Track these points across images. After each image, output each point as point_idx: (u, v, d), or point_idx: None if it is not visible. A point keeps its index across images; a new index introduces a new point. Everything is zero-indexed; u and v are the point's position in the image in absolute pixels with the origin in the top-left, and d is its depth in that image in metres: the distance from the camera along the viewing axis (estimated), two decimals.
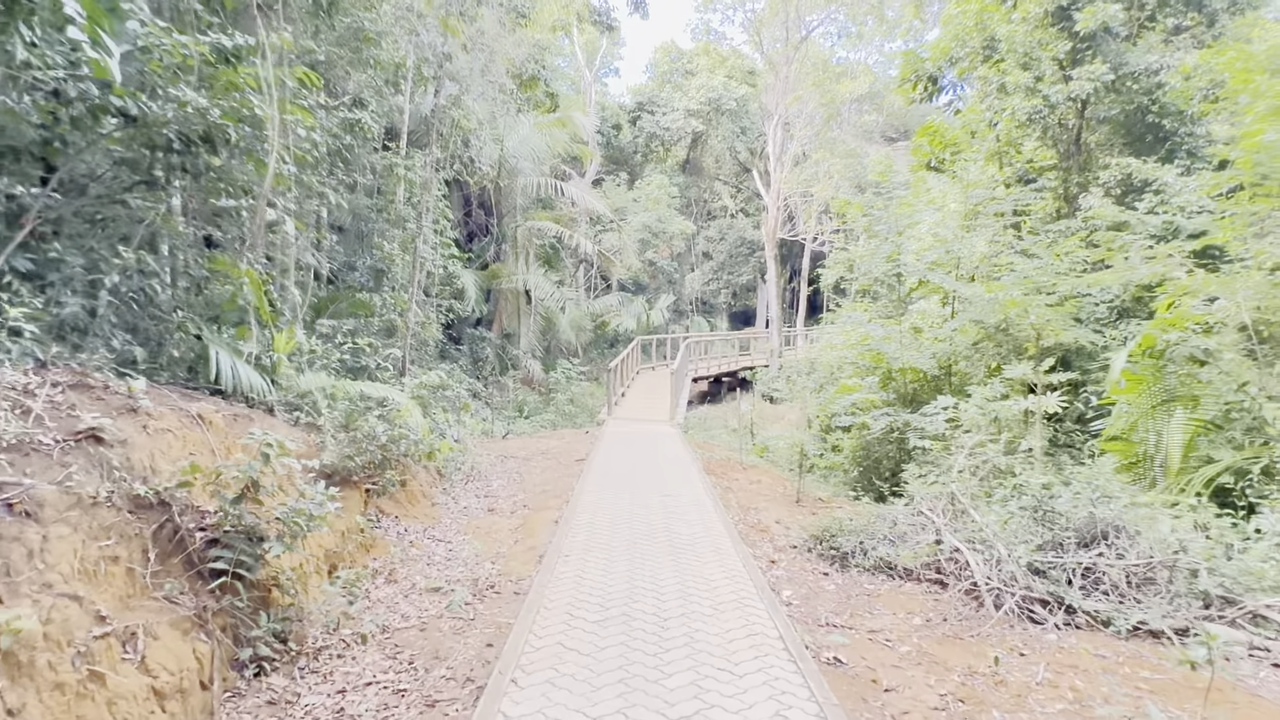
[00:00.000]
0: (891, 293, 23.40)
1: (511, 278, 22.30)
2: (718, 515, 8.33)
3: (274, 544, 3.79)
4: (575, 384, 23.21)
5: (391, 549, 6.49)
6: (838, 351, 16.99)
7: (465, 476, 10.55)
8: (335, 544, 5.42)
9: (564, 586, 5.65)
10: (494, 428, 16.68)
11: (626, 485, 10.00)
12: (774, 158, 28.66)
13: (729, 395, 31.79)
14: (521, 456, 12.91)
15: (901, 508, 6.94)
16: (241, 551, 3.82)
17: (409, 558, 6.37)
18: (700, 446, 15.54)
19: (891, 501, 11.90)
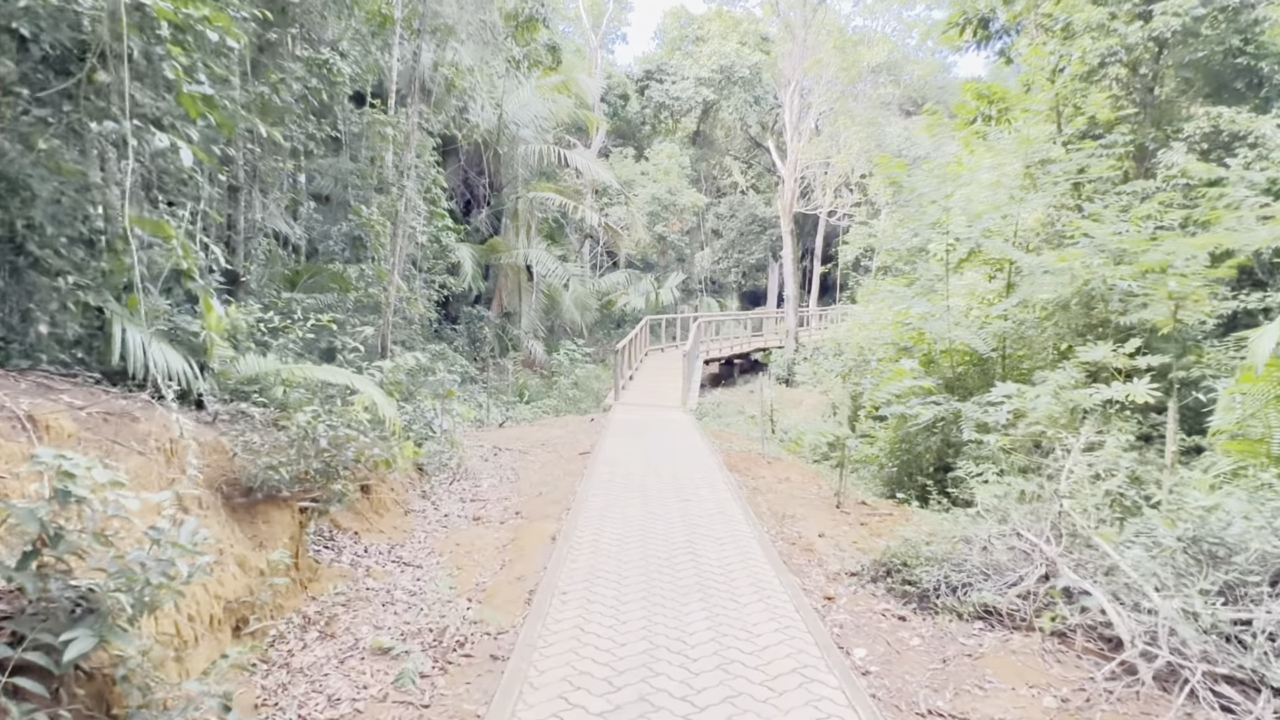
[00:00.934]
0: (932, 266, 21.84)
1: (512, 252, 20.78)
2: (750, 528, 6.86)
3: (82, 632, 2.34)
4: (580, 366, 21.75)
5: (340, 581, 5.04)
6: (868, 331, 15.48)
7: (452, 474, 9.11)
8: (246, 589, 3.97)
9: (559, 647, 4.20)
10: (490, 415, 15.24)
11: (637, 486, 8.54)
12: (790, 127, 26.97)
13: (742, 378, 30.31)
14: (519, 448, 11.47)
15: (991, 527, 5.45)
16: (35, 641, 2.37)
17: (361, 594, 4.92)
18: (716, 436, 14.09)
19: (938, 502, 10.50)
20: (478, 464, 10.00)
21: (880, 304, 16.42)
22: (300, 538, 4.75)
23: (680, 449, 11.36)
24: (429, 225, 16.04)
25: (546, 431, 13.38)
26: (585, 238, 26.29)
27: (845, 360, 15.12)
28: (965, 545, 5.28)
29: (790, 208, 26.95)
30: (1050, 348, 9.98)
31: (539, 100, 21.48)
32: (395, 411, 6.71)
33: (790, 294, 27.55)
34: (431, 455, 8.82)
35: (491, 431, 13.34)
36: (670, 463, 10.12)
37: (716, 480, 9.09)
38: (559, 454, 11.04)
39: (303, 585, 4.68)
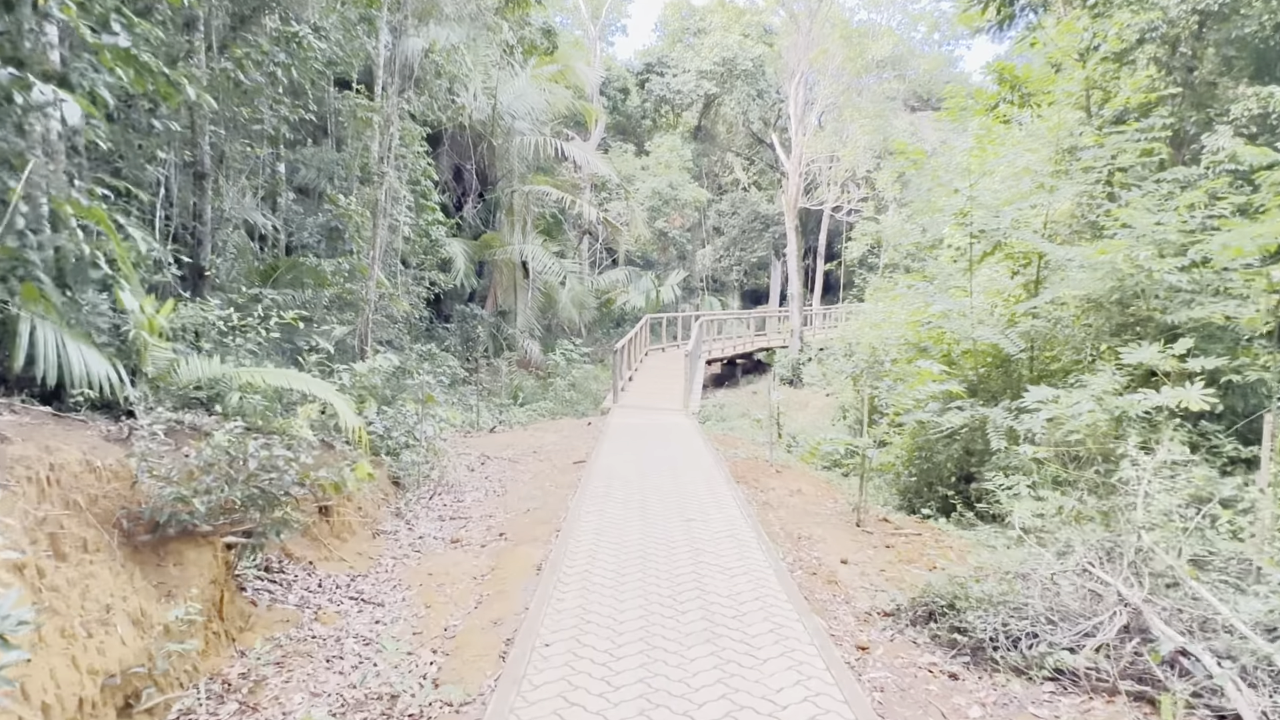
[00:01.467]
0: (943, 263, 21.00)
1: (506, 248, 19.96)
2: (763, 554, 6.03)
3: None
4: (577, 367, 20.94)
5: (280, 628, 4.23)
6: (880, 330, 14.67)
7: (432, 488, 8.29)
8: (143, 653, 3.15)
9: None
10: (481, 419, 14.43)
11: (636, 501, 7.71)
12: (795, 120, 26.14)
13: (744, 378, 29.50)
14: (509, 456, 10.66)
15: (1049, 559, 4.63)
16: None
17: (303, 646, 4.10)
18: (721, 441, 13.28)
19: (961, 516, 9.67)
20: (463, 475, 9.18)
21: (894, 301, 15.63)
22: (227, 581, 3.94)
23: (683, 457, 10.55)
24: (417, 218, 15.26)
25: (540, 437, 12.57)
26: (583, 234, 25.46)
27: (856, 361, 14.29)
28: (1022, 582, 4.46)
29: (795, 203, 26.13)
30: (1086, 348, 9.15)
31: (535, 91, 20.66)
32: (358, 420, 5.90)
33: (795, 292, 26.73)
34: (409, 467, 8.00)
35: (481, 438, 12.53)
36: (672, 473, 9.30)
37: (723, 494, 8.28)
38: (552, 463, 10.23)
39: (230, 638, 3.86)
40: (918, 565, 6.17)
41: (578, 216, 25.62)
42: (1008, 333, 9.60)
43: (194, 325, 7.30)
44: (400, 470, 7.88)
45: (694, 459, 10.47)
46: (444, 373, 13.67)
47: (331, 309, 10.13)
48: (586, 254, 26.93)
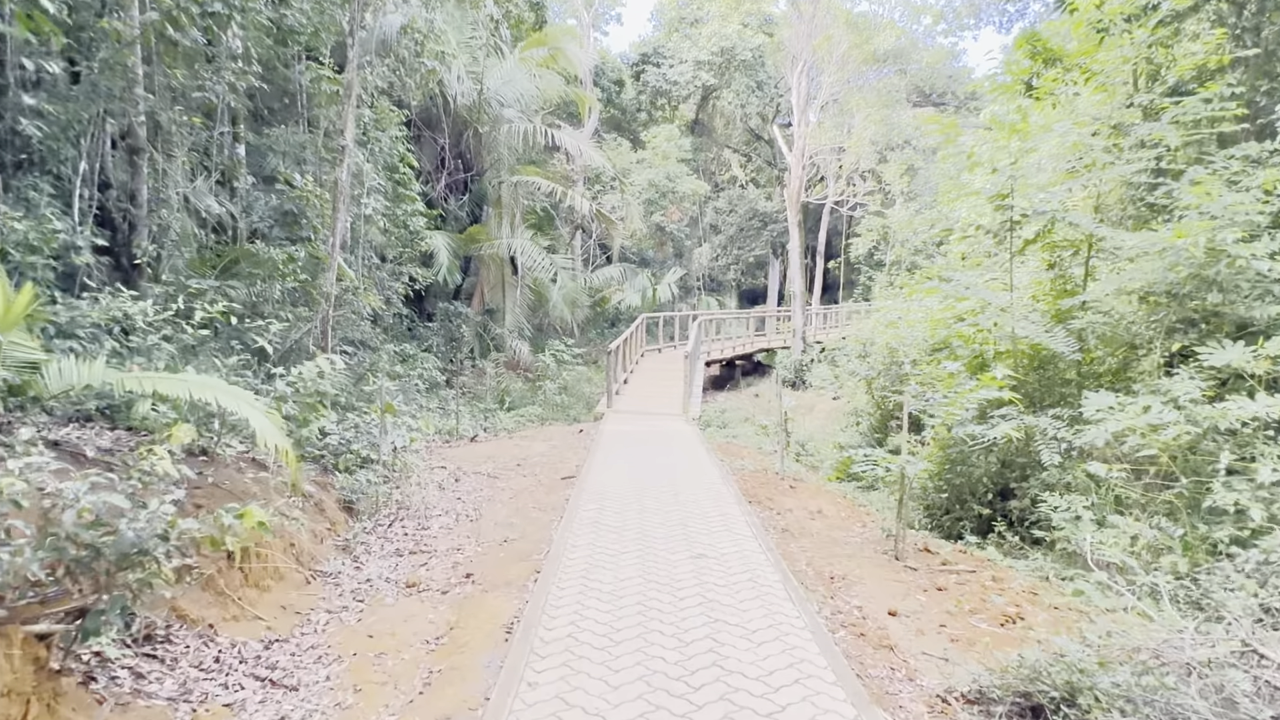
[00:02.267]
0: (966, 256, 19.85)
1: (494, 242, 18.72)
2: (794, 605, 4.82)
3: None
4: (569, 369, 19.72)
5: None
6: (897, 329, 13.50)
7: (394, 512, 7.05)
8: None
9: None
10: (463, 425, 13.20)
11: (634, 529, 6.50)
12: (798, 110, 24.95)
13: (744, 380, 28.30)
14: (489, 470, 9.43)
15: (1196, 639, 3.42)
16: None
17: None
18: (724, 450, 12.09)
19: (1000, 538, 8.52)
20: (432, 494, 7.94)
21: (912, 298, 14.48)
22: (39, 687, 2.72)
23: (685, 471, 9.33)
24: (394, 208, 14.05)
25: (526, 447, 11.34)
26: (576, 229, 24.24)
27: (873, 363, 13.09)
28: (1162, 666, 3.26)
29: (797, 197, 24.95)
30: (1155, 347, 7.96)
31: (524, 76, 19.44)
32: (284, 437, 4.67)
33: (797, 290, 25.56)
34: (365, 488, 6.77)
35: (460, 447, 11.29)
36: (674, 492, 8.09)
37: (735, 517, 7.06)
38: (537, 478, 9.01)
39: None
40: (983, 617, 4.97)
41: (570, 210, 24.38)
42: (1054, 330, 8.41)
43: (121, 321, 6.08)
44: (354, 493, 6.64)
45: (698, 472, 9.26)
46: (421, 376, 12.45)
47: (285, 304, 8.89)
48: (580, 250, 25.71)
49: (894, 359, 12.97)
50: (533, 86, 19.65)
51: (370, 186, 13.08)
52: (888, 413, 13.52)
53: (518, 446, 11.40)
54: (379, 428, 8.31)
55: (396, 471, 7.82)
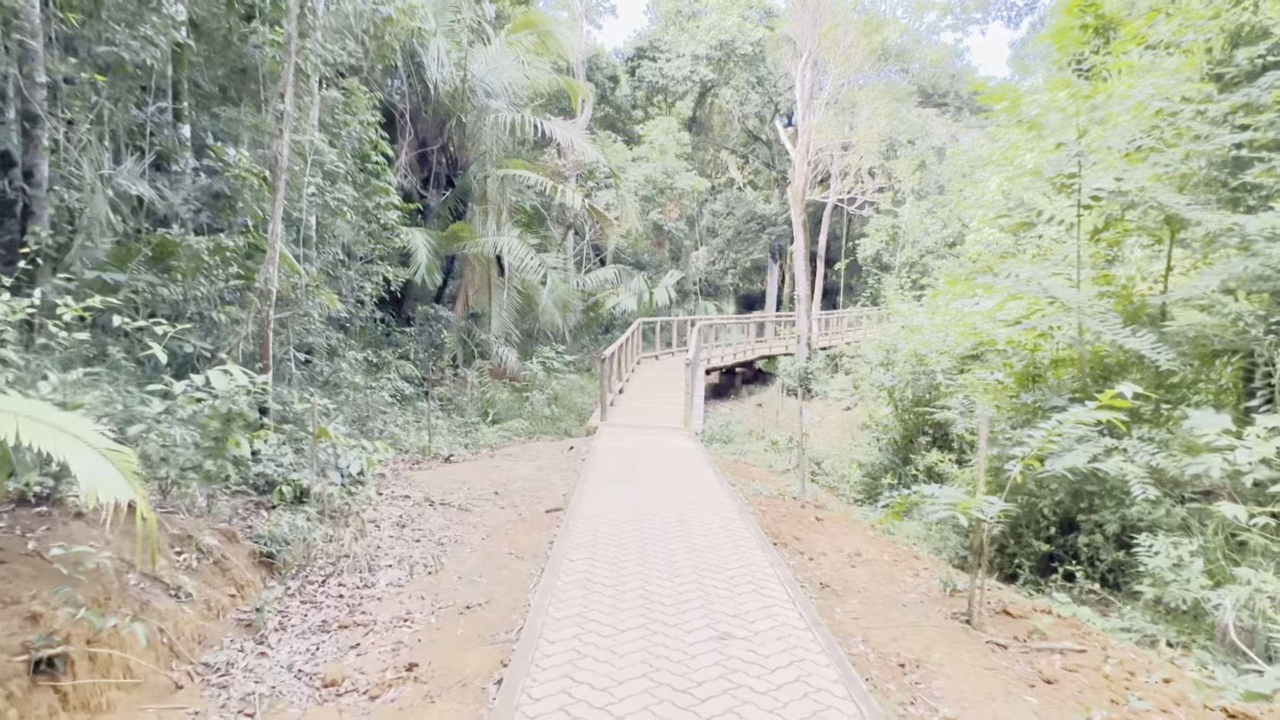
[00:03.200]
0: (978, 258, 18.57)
1: (478, 241, 17.28)
2: (865, 714, 3.40)
3: None
4: (560, 377, 18.29)
5: None
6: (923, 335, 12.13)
7: (329, 565, 5.59)
8: None
9: None
10: (440, 442, 11.76)
11: (635, 592, 5.05)
12: (802, 104, 23.62)
13: (745, 389, 26.90)
14: (460, 500, 7.97)
15: None
16: None
17: None
18: (733, 470, 10.69)
19: (1069, 581, 7.19)
20: (386, 536, 6.49)
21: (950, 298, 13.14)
22: None
23: (692, 500, 7.90)
24: (365, 199, 12.63)
25: (508, 469, 9.89)
26: (568, 229, 22.81)
27: (899, 372, 11.69)
28: None
29: (802, 195, 23.59)
30: (1264, 357, 6.57)
31: (512, 63, 18.06)
32: (133, 487, 3.21)
33: (802, 293, 24.19)
34: (289, 536, 5.31)
35: (433, 470, 9.83)
36: (683, 530, 6.65)
37: (761, 570, 5.63)
38: (518, 511, 7.56)
39: None
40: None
41: (561, 210, 22.97)
42: (1140, 332, 7.01)
43: None
44: (275, 542, 5.18)
45: (708, 502, 7.82)
46: (390, 387, 11.00)
47: (217, 303, 7.43)
48: (572, 251, 24.28)
49: (922, 367, 11.57)
50: (521, 75, 18.27)
51: (334, 173, 11.69)
52: (914, 426, 12.13)
53: (498, 468, 9.95)
54: (329, 452, 6.89)
55: (345, 507, 6.38)
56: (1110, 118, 7.93)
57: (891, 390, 12.19)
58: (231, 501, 5.98)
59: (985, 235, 21.01)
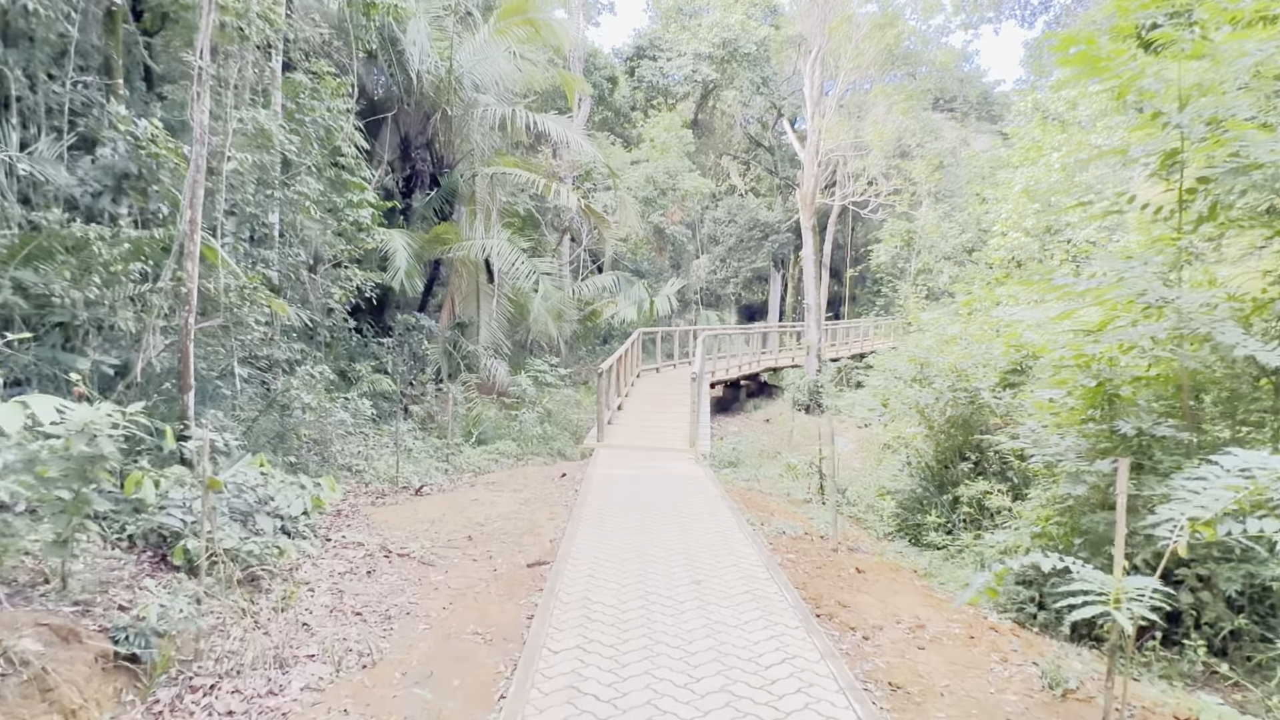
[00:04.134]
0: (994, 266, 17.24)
1: (465, 244, 15.89)
2: None
3: None
4: (553, 392, 16.88)
5: None
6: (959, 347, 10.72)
7: (227, 658, 4.14)
8: None
9: None
10: (415, 469, 10.35)
11: (642, 705, 3.64)
12: (811, 102, 22.31)
13: (750, 402, 25.48)
14: (423, 551, 6.54)
15: None
16: None
17: None
18: (749, 502, 9.30)
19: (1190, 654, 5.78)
20: (320, 605, 5.05)
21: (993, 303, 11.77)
22: None
23: (708, 549, 6.48)
24: (333, 195, 11.28)
25: (489, 502, 8.46)
26: (563, 234, 21.45)
27: (937, 389, 10.26)
28: None
29: (812, 199, 22.25)
30: None
31: (502, 54, 16.73)
32: None
33: (811, 303, 22.80)
34: (163, 625, 3.87)
35: (400, 504, 8.40)
36: (699, 599, 5.22)
37: (807, 661, 4.20)
38: (492, 565, 6.14)
39: None
40: None
41: (556, 214, 21.61)
42: None
43: None
44: (139, 638, 3.74)
45: (726, 551, 6.41)
46: (351, 407, 9.59)
47: (126, 305, 6.00)
48: (568, 258, 22.90)
49: (963, 384, 10.16)
50: (512, 67, 16.95)
51: (296, 164, 10.36)
52: (951, 449, 10.70)
53: (477, 501, 8.52)
54: (255, 495, 5.49)
55: (273, 567, 4.96)
56: (1212, 87, 6.53)
57: (923, 409, 10.76)
58: (113, 563, 4.56)
59: (1010, 240, 19.72)
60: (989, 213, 20.99)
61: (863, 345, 26.45)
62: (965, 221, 22.13)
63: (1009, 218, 19.58)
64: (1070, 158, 19.29)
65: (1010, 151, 21.94)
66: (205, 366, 7.37)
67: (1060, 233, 19.31)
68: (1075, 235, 19.01)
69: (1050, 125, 19.89)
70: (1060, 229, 19.27)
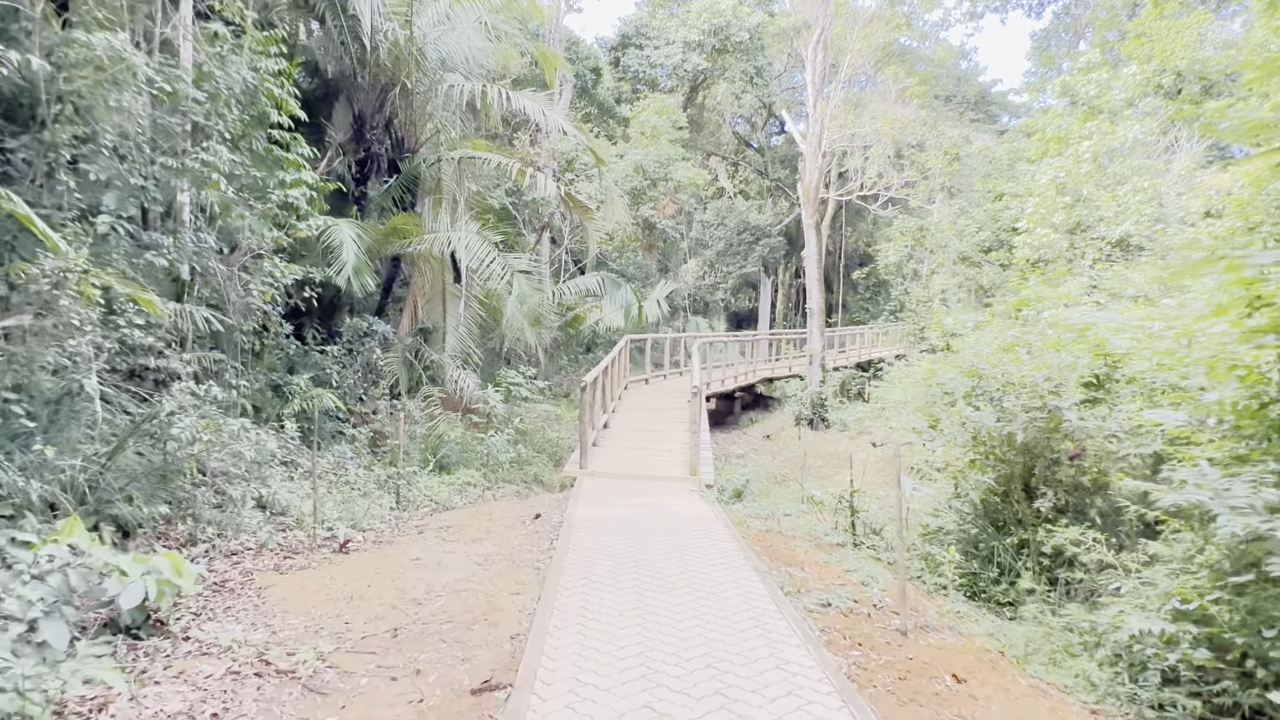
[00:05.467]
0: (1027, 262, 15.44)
1: (428, 238, 13.76)
2: None
3: None
4: (530, 406, 14.78)
5: None
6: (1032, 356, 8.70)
7: None
8: None
9: None
10: (344, 510, 8.21)
11: None
12: (813, 88, 20.41)
13: (746, 416, 23.46)
14: (315, 663, 4.39)
15: None
16: None
17: None
18: (771, 551, 7.30)
19: None
20: None
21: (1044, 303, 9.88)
22: None
23: (740, 649, 4.41)
24: (255, 171, 9.21)
25: (436, 563, 6.34)
26: (542, 230, 19.34)
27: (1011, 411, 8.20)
28: None
29: (815, 194, 20.31)
30: None
31: (472, 26, 14.72)
32: None
33: (815, 307, 20.83)
34: None
35: (310, 570, 6.23)
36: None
37: None
38: (420, 685, 4.02)
39: None
40: None
41: (534, 208, 19.52)
42: None
43: None
44: None
45: (769, 654, 4.33)
46: (251, 437, 7.41)
47: None
48: (548, 258, 20.81)
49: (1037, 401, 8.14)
50: (484, 40, 14.92)
51: (204, 127, 8.32)
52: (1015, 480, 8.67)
53: (420, 562, 6.39)
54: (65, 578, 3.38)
55: None
56: None
57: (984, 433, 8.72)
58: None
59: (1036, 237, 17.87)
60: (1007, 209, 19.23)
61: (868, 353, 24.54)
62: (982, 219, 20.26)
63: (1035, 212, 17.75)
64: (1102, 146, 17.49)
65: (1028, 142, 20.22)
66: (22, 380, 5.22)
67: (1092, 229, 17.54)
68: (1109, 232, 17.24)
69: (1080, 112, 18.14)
70: (1091, 225, 17.50)
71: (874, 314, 36.69)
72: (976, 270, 20.08)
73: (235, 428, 6.67)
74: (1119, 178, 17.13)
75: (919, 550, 9.06)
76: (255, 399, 10.19)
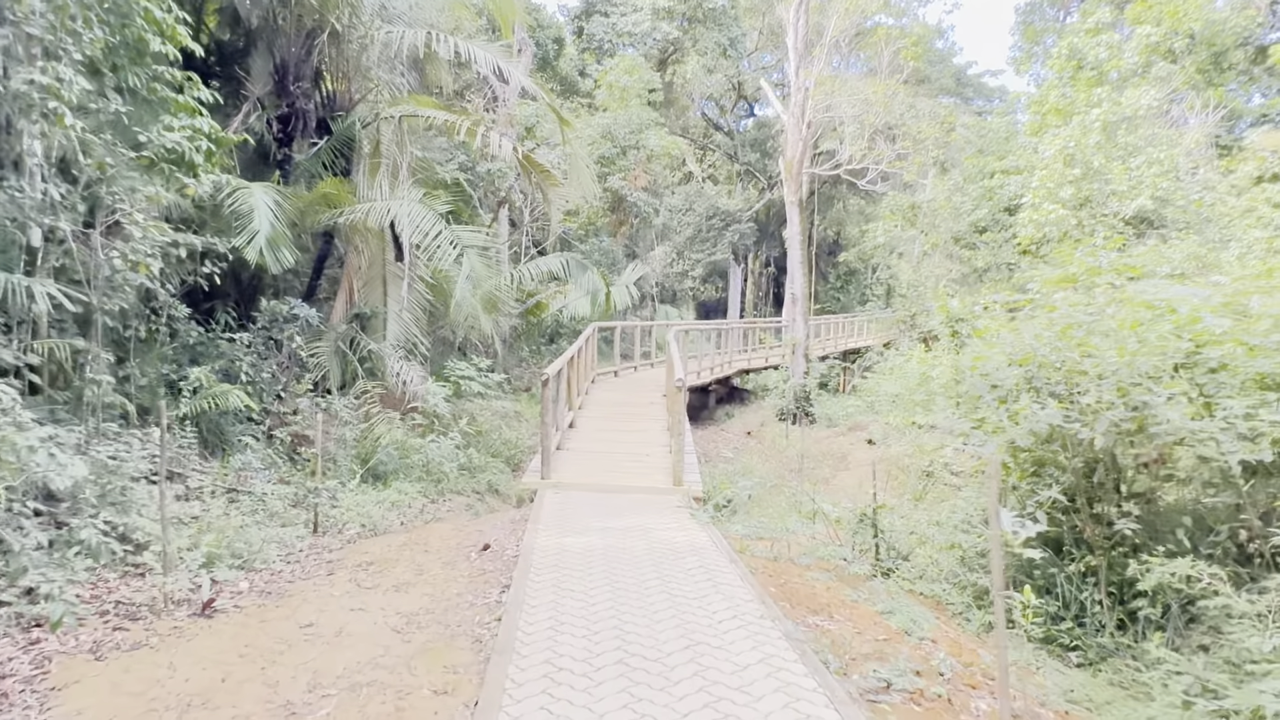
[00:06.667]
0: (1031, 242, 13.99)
1: (363, 207, 11.74)
2: None
3: None
4: (484, 400, 12.89)
5: None
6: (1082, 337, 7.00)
7: None
8: None
9: None
10: (232, 543, 6.28)
11: None
12: (795, 53, 18.70)
13: (721, 410, 21.79)
14: None
15: None
16: None
17: None
18: (785, 590, 5.58)
19: None
20: None
21: None
22: None
23: None
24: (130, 111, 7.24)
25: (338, 628, 4.46)
26: (500, 204, 17.36)
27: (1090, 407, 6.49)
28: None
29: (798, 168, 18.63)
30: None
31: None
32: None
33: (798, 292, 19.17)
34: None
35: (145, 651, 4.29)
36: None
37: None
38: None
39: None
40: None
41: (491, 182, 17.52)
42: None
43: None
44: None
45: None
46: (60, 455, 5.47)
47: None
48: (506, 239, 18.84)
49: (1123, 395, 6.45)
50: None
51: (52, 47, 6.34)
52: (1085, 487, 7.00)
53: (314, 631, 4.51)
54: None
55: None
56: None
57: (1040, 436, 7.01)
58: None
59: (1042, 213, 16.41)
60: (1005, 185, 17.81)
61: (849, 342, 23.02)
62: (977, 196, 18.77)
63: (1040, 186, 16.28)
64: (1114, 114, 16.05)
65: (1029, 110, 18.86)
66: None
67: (1102, 204, 16.16)
68: (1122, 207, 15.87)
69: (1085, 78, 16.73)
70: (1102, 200, 16.11)
71: (845, 304, 35.32)
72: (971, 252, 18.61)
73: (31, 442, 4.67)
74: (1131, 148, 15.73)
75: (960, 579, 7.35)
76: (143, 397, 8.19)
